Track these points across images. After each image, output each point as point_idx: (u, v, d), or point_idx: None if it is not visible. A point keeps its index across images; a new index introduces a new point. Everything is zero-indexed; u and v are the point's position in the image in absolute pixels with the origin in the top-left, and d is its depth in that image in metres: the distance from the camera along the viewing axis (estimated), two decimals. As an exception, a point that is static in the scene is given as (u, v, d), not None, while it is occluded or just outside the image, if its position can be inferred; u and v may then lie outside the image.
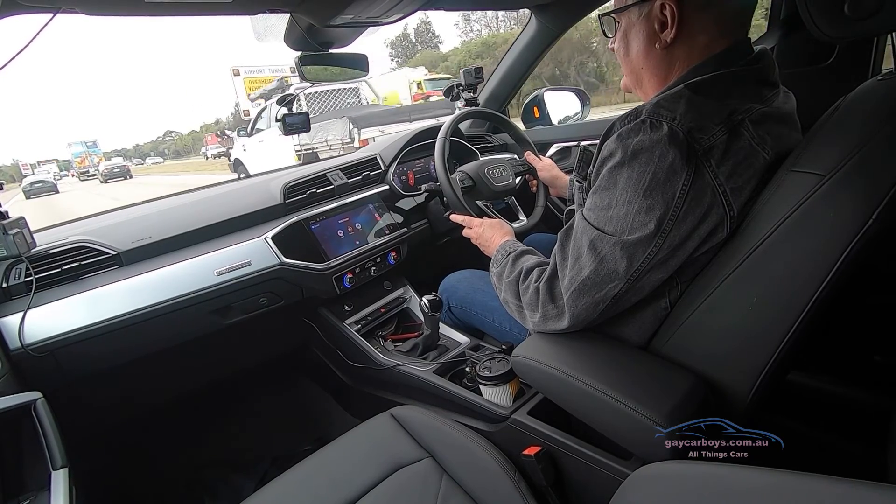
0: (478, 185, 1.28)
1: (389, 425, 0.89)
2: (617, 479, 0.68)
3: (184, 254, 1.07)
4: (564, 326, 0.71)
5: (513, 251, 0.86)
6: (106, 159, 26.30)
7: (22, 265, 0.94)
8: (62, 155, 34.51)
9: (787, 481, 0.40)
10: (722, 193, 0.62)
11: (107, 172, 18.87)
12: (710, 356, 0.65)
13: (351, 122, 5.36)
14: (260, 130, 6.84)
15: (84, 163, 24.14)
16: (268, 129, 6.49)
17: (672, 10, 0.66)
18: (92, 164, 22.57)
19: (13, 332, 0.88)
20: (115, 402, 1.15)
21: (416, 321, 1.36)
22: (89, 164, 22.82)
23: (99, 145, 30.24)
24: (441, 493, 0.75)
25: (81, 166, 23.20)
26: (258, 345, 1.34)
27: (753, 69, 0.68)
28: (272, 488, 0.80)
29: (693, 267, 0.68)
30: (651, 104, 0.65)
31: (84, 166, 22.94)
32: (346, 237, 1.27)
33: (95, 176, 19.62)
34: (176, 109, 67.47)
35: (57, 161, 25.63)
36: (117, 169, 18.82)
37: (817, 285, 0.56)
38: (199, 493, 1.30)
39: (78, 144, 27.50)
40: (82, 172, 21.94)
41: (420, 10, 1.06)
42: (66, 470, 0.70)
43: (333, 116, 5.83)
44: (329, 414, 1.45)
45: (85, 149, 26.97)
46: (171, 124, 79.01)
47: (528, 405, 0.88)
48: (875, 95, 0.62)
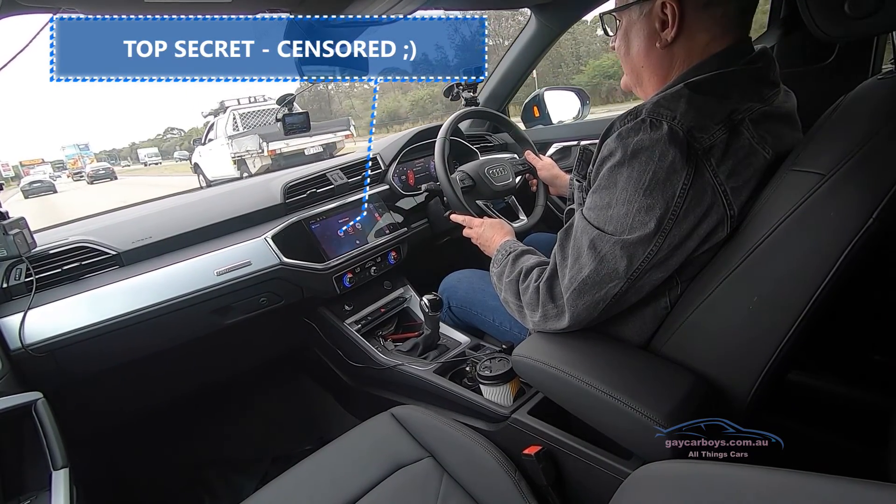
0: (478, 185, 1.28)
1: (390, 425, 0.89)
2: (617, 478, 0.68)
3: (184, 254, 1.07)
4: (564, 326, 0.71)
5: (513, 251, 0.86)
6: (98, 160, 28.50)
7: (22, 265, 0.94)
8: (48, 156, 35.95)
9: (787, 481, 0.40)
10: (722, 193, 0.62)
11: (93, 174, 21.15)
12: (711, 356, 0.65)
13: (260, 137, 7.35)
14: (211, 141, 8.68)
15: (77, 164, 25.33)
16: (216, 139, 8.35)
17: (673, 8, 0.66)
18: (84, 166, 23.93)
19: (13, 333, 0.88)
20: (115, 401, 1.15)
21: (417, 321, 1.36)
22: (81, 166, 24.17)
23: (90, 147, 32.05)
24: (441, 493, 0.75)
25: (75, 167, 24.55)
26: (258, 345, 1.35)
27: (754, 68, 0.68)
28: (273, 488, 0.80)
29: (693, 266, 0.68)
30: (651, 103, 0.64)
31: (77, 167, 24.47)
32: (347, 237, 1.27)
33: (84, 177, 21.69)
34: (177, 104, 67.50)
35: (43, 160, 26.40)
36: (102, 171, 21.43)
37: (818, 284, 0.56)
38: (199, 492, 1.30)
39: (71, 147, 28.83)
40: (75, 173, 23.78)
41: (420, 9, 1.06)
42: (67, 470, 0.70)
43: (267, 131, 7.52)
44: (329, 414, 1.45)
45: (78, 151, 28.11)
46: (172, 120, 79.18)
47: (528, 405, 0.88)
48: (875, 94, 0.62)
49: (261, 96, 8.65)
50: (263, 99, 8.60)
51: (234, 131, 8.00)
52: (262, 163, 7.46)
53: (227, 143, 7.87)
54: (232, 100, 8.46)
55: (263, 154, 7.25)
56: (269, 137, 7.18)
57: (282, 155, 7.45)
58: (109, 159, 33.43)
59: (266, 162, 7.43)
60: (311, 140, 7.68)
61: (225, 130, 8.11)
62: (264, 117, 8.20)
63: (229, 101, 8.44)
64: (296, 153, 7.53)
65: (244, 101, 8.44)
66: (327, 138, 7.95)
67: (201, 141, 9.25)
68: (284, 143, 7.27)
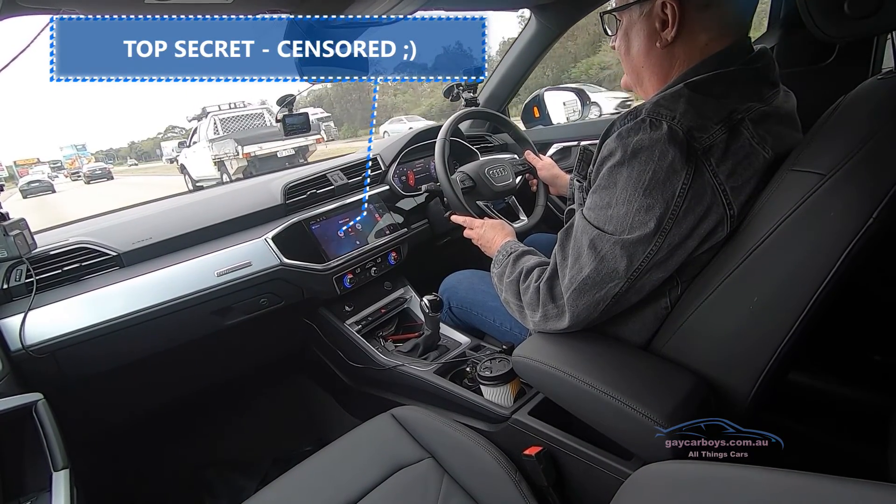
0: (478, 186, 1.28)
1: (390, 426, 0.89)
2: (618, 479, 0.68)
3: (184, 254, 1.07)
4: (565, 326, 0.71)
5: (513, 251, 0.86)
6: (96, 160, 29.58)
7: (23, 266, 0.94)
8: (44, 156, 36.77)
9: (787, 480, 0.40)
10: (722, 192, 0.62)
11: (89, 174, 21.76)
12: (711, 356, 0.65)
13: (235, 141, 8.12)
14: (195, 143, 9.47)
15: (74, 164, 26.11)
16: (199, 142, 9.16)
17: (673, 8, 0.66)
18: (81, 166, 25.04)
19: (14, 334, 0.88)
20: (115, 402, 1.15)
21: (417, 321, 1.36)
22: (79, 166, 25.25)
23: (87, 148, 33.04)
24: (442, 494, 0.75)
25: (72, 167, 25.52)
26: (259, 345, 1.34)
27: (753, 68, 0.68)
28: (273, 489, 0.80)
29: (693, 266, 0.68)
30: (651, 103, 0.65)
31: (74, 167, 25.56)
32: (347, 237, 1.27)
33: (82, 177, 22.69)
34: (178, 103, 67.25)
35: (38, 160, 26.90)
36: (99, 171, 22.16)
37: (818, 285, 0.56)
38: (200, 493, 1.30)
39: (69, 147, 29.56)
40: (73, 173, 24.54)
41: (420, 10, 1.06)
42: (67, 471, 0.70)
43: (243, 135, 8.49)
44: (330, 414, 1.45)
45: (76, 151, 28.80)
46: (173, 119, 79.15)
47: (528, 405, 0.88)
48: (875, 94, 0.62)
49: (241, 102, 9.39)
50: (243, 105, 9.32)
51: (215, 135, 8.63)
52: (239, 164, 8.10)
53: (208, 146, 8.56)
54: (213, 106, 9.21)
55: (239, 156, 8.00)
56: (244, 141, 8.02)
57: (256, 157, 8.13)
58: (107, 159, 34.94)
59: (242, 164, 8.07)
60: (283, 143, 8.23)
61: (206, 134, 8.78)
62: (242, 122, 9.05)
63: (211, 107, 9.19)
64: (269, 155, 8.20)
65: (224, 107, 9.19)
66: (299, 142, 8.41)
67: (187, 144, 10.19)
68: (258, 147, 8.10)
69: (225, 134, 8.58)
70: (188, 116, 10.28)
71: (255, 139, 8.20)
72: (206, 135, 8.81)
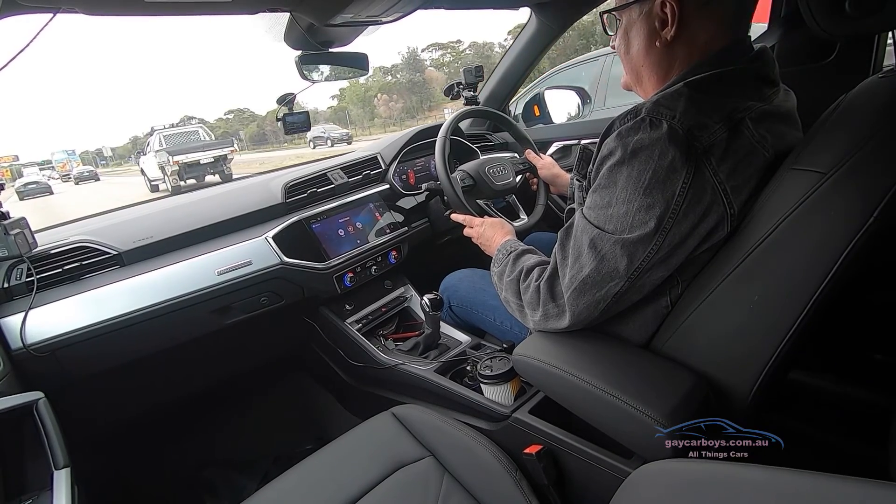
0: (478, 184, 1.28)
1: (390, 424, 0.89)
2: (618, 477, 0.68)
3: (185, 253, 1.07)
4: (565, 325, 0.71)
5: (513, 250, 0.86)
6: (84, 163, 31.99)
7: (23, 265, 0.94)
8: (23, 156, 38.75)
9: (787, 479, 0.40)
10: (722, 192, 0.62)
11: (78, 176, 23.69)
12: (711, 355, 0.65)
13: (167, 152, 10.80)
14: (149, 152, 12.46)
15: (65, 167, 29.02)
16: (150, 152, 12.28)
17: (672, 7, 0.66)
18: (72, 169, 27.35)
19: (15, 333, 0.88)
20: (116, 401, 1.15)
21: (417, 320, 1.37)
22: (69, 169, 27.54)
23: (77, 152, 35.68)
24: (442, 492, 0.75)
25: (63, 170, 27.78)
26: (259, 344, 1.35)
27: (753, 67, 0.68)
28: (274, 487, 0.80)
29: (694, 265, 0.67)
30: (651, 102, 0.64)
31: (65, 170, 27.51)
32: (347, 236, 1.27)
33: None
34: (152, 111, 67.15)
35: (17, 158, 28.38)
36: (86, 173, 24.22)
37: (818, 284, 0.56)
38: (200, 492, 1.30)
39: (60, 152, 32.16)
40: (64, 175, 26.45)
41: (420, 9, 1.06)
42: (68, 470, 0.70)
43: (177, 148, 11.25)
44: (330, 413, 1.46)
45: (66, 156, 31.03)
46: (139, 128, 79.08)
47: (529, 404, 0.88)
48: (876, 93, 0.62)
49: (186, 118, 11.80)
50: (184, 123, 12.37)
51: (159, 147, 11.54)
52: (172, 168, 10.68)
53: (154, 155, 11.52)
54: (160, 125, 12.81)
55: (170, 163, 10.68)
56: (175, 152, 10.85)
57: (185, 164, 10.68)
58: (99, 159, 38.19)
59: (175, 168, 10.63)
60: (204, 154, 10.96)
61: (154, 146, 11.93)
62: (182, 137, 12.25)
63: (157, 125, 12.79)
64: (193, 163, 10.77)
65: (167, 125, 12.98)
66: (216, 153, 11.11)
67: (143, 152, 13.61)
68: (185, 156, 10.80)
69: (167, 146, 11.49)
70: (144, 131, 13.25)
71: (183, 150, 11.10)
72: (154, 146, 11.88)
